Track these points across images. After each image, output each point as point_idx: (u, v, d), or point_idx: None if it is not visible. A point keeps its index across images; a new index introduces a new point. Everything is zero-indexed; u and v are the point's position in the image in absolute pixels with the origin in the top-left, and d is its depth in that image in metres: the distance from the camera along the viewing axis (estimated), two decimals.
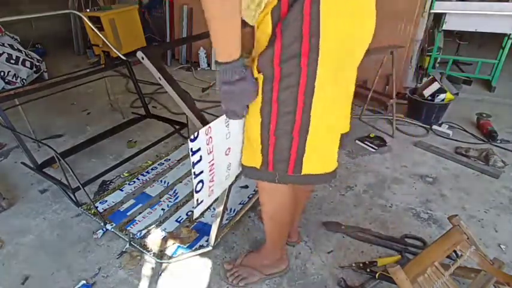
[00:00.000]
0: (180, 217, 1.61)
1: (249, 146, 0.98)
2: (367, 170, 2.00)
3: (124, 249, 1.45)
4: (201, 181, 0.99)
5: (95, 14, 3.79)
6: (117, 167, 1.84)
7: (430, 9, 2.87)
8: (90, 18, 2.64)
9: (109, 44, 2.23)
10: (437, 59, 3.36)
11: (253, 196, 1.73)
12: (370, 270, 1.31)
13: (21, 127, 2.05)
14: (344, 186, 1.84)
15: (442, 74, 2.61)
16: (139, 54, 1.06)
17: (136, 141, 2.32)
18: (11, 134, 1.66)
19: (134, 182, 1.87)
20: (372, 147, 2.22)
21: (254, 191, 1.77)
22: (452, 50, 3.76)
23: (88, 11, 4.07)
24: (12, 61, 3.13)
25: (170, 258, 1.40)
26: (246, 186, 1.80)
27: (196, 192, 0.99)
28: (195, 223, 1.57)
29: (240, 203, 1.68)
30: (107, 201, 1.72)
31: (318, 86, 0.79)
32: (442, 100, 2.42)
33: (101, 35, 2.21)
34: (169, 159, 2.09)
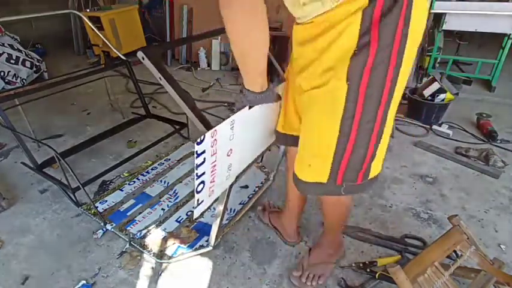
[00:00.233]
0: (180, 217, 1.61)
1: (316, 160, 0.93)
2: None
3: (124, 249, 1.45)
4: (203, 182, 0.99)
5: (95, 14, 3.79)
6: (117, 167, 1.84)
7: (430, 9, 2.88)
8: (90, 18, 2.63)
9: (109, 44, 2.22)
10: (437, 59, 3.36)
11: (253, 196, 1.73)
12: (370, 270, 1.31)
13: (21, 127, 2.05)
14: None
15: (442, 74, 2.61)
16: (139, 55, 1.06)
17: (136, 141, 2.32)
18: (11, 134, 1.66)
19: (134, 182, 1.87)
20: None
21: (254, 191, 1.77)
22: (452, 50, 3.76)
23: (88, 11, 4.06)
24: (12, 61, 3.13)
25: (170, 258, 1.40)
26: (246, 186, 1.80)
27: (197, 192, 0.99)
28: (195, 223, 1.57)
29: (240, 203, 1.69)
30: (107, 201, 1.72)
31: (396, 93, 0.78)
32: (442, 100, 2.42)
33: (101, 35, 2.21)
34: (169, 159, 2.09)
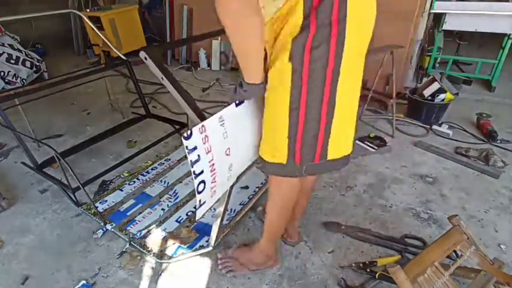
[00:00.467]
0: (180, 217, 1.61)
1: (273, 139, 0.97)
2: (367, 170, 2.00)
3: (124, 249, 1.45)
4: (203, 182, 0.99)
5: (95, 14, 3.79)
6: (117, 167, 1.84)
7: (430, 9, 2.88)
8: (90, 18, 2.64)
9: (109, 44, 2.23)
10: (437, 59, 3.36)
11: (253, 197, 1.73)
12: (370, 270, 1.31)
13: (21, 127, 2.05)
14: (344, 186, 1.85)
15: (442, 74, 2.61)
16: (142, 55, 1.07)
17: (136, 141, 2.32)
18: (11, 134, 1.66)
19: (134, 182, 1.87)
20: (372, 147, 2.22)
21: (254, 191, 1.77)
22: (452, 50, 3.76)
23: (88, 10, 4.07)
24: (12, 61, 3.13)
25: (170, 258, 1.40)
26: (246, 187, 1.80)
27: (199, 193, 0.99)
28: (195, 223, 1.57)
29: (240, 204, 1.68)
30: (107, 201, 1.72)
31: (343, 66, 0.84)
32: (442, 100, 2.42)
33: (101, 35, 2.21)
34: (169, 159, 2.09)
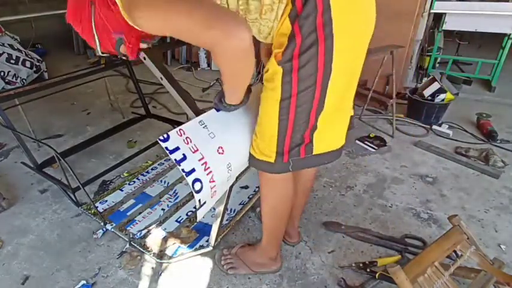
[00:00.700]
0: (180, 217, 1.61)
1: (263, 138, 0.99)
2: (367, 170, 2.00)
3: (124, 249, 1.45)
4: (198, 180, 0.97)
5: None
6: (117, 167, 1.84)
7: (430, 9, 2.88)
8: None
9: None
10: (437, 59, 3.37)
11: (253, 196, 1.73)
12: (370, 270, 1.31)
13: (21, 127, 2.04)
14: (344, 186, 1.85)
15: (442, 74, 2.61)
16: (141, 55, 1.07)
17: (136, 141, 2.32)
18: (11, 134, 1.66)
19: (134, 182, 1.87)
20: (372, 147, 2.22)
21: (254, 191, 1.77)
22: (452, 50, 3.76)
23: None
24: (12, 61, 3.13)
25: (170, 258, 1.40)
26: (246, 187, 1.80)
27: (197, 192, 0.98)
28: (195, 223, 1.57)
29: (240, 203, 1.68)
30: (107, 201, 1.72)
31: (335, 69, 0.84)
32: (442, 100, 2.42)
33: None
34: (169, 159, 2.08)
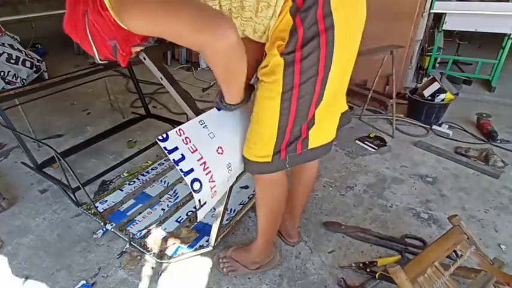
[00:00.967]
0: (180, 217, 1.61)
1: (261, 136, 0.98)
2: (367, 170, 2.00)
3: (124, 249, 1.45)
4: (197, 180, 0.98)
5: None
6: (117, 167, 1.84)
7: (430, 9, 2.88)
8: None
9: None
10: (437, 59, 3.37)
11: (253, 196, 1.73)
12: (370, 270, 1.31)
13: (21, 127, 2.04)
14: (344, 186, 1.85)
15: (442, 74, 2.61)
16: (141, 55, 1.07)
17: (136, 141, 2.32)
18: (11, 134, 1.66)
19: (134, 182, 1.87)
20: (372, 147, 2.22)
21: (254, 191, 1.77)
22: (452, 50, 3.76)
23: None
24: (12, 61, 3.12)
25: (170, 258, 1.40)
26: (246, 187, 1.80)
27: (196, 192, 0.98)
28: (195, 223, 1.57)
29: (240, 203, 1.68)
30: (107, 201, 1.72)
31: (334, 60, 0.85)
32: (442, 100, 2.42)
33: None
34: (169, 159, 2.08)
